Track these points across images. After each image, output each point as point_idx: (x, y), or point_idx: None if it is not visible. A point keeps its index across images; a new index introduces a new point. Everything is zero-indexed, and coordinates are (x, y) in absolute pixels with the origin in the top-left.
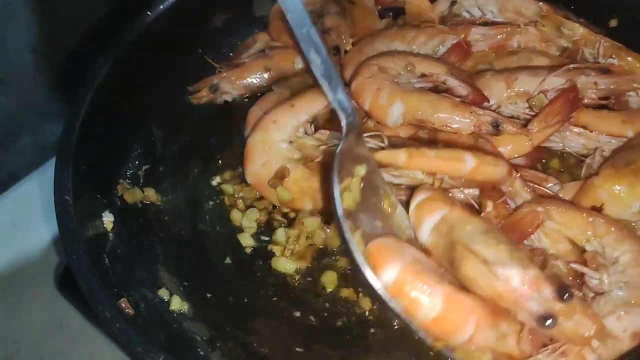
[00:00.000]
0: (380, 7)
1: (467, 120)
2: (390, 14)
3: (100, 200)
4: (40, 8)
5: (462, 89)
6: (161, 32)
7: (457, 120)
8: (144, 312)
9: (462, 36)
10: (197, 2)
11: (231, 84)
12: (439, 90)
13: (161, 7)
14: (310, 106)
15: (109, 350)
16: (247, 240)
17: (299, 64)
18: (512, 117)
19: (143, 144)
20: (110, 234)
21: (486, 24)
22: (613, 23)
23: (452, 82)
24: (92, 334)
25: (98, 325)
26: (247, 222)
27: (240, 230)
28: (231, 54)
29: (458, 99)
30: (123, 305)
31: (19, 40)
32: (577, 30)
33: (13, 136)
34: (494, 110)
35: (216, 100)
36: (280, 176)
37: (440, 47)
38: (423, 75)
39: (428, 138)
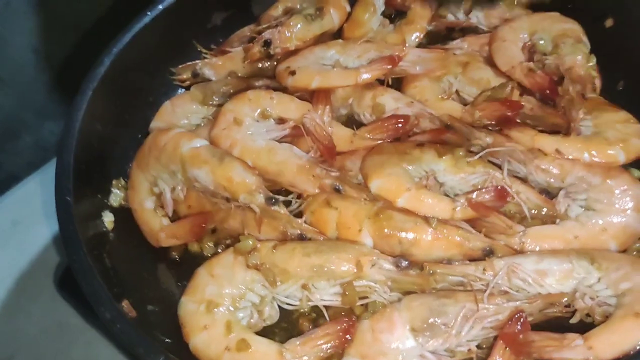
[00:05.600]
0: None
1: (309, 183)
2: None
3: (101, 200)
4: (40, 8)
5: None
6: (161, 31)
7: (301, 183)
8: (146, 312)
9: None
10: (197, 1)
11: (213, 70)
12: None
13: (160, 6)
14: None
15: (108, 350)
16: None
17: None
18: None
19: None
20: (111, 234)
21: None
22: (609, 23)
23: (309, 126)
24: (91, 334)
25: (97, 326)
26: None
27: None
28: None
29: (307, 155)
30: (125, 307)
31: (19, 40)
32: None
33: (13, 136)
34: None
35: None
36: None
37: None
38: (281, 120)
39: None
